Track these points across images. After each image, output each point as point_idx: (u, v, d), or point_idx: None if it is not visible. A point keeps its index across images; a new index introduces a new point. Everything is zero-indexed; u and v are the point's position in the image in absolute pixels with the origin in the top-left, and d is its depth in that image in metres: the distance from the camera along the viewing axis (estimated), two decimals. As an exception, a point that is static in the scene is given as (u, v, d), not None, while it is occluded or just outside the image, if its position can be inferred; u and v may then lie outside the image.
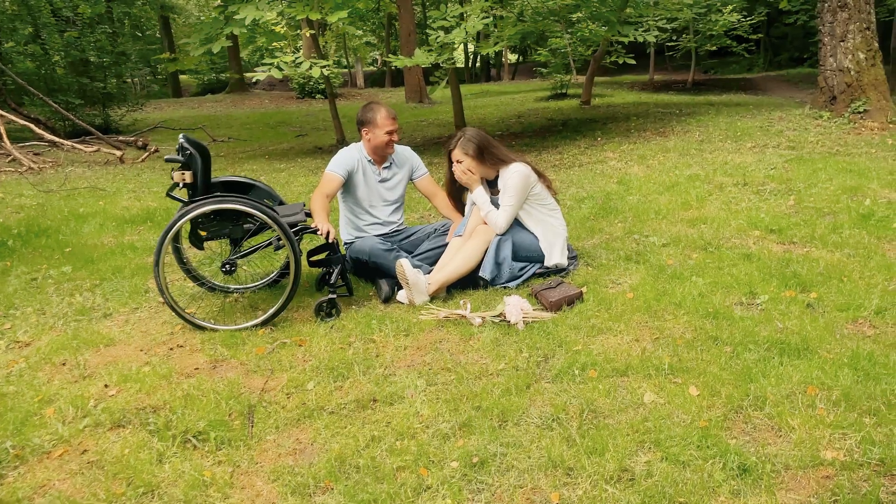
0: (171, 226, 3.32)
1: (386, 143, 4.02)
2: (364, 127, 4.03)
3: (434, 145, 10.79)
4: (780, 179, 6.11)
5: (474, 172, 4.01)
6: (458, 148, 3.99)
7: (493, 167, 4.02)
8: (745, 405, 2.70)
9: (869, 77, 8.78)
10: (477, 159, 3.96)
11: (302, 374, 3.12)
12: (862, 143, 7.70)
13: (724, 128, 9.07)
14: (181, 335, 3.54)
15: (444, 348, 3.34)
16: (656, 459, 2.43)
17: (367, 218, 4.20)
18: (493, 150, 4.00)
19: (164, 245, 3.32)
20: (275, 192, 3.92)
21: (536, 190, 4.02)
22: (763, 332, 3.28)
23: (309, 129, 15.17)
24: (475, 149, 3.95)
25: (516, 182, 3.91)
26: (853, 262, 4.13)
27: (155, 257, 3.33)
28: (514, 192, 3.92)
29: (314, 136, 13.65)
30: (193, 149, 3.45)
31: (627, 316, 3.54)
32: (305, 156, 10.42)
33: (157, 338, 3.53)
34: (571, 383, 2.95)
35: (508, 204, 3.94)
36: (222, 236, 3.50)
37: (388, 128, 3.99)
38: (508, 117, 13.66)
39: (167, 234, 3.31)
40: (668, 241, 4.67)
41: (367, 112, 4.03)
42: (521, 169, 3.94)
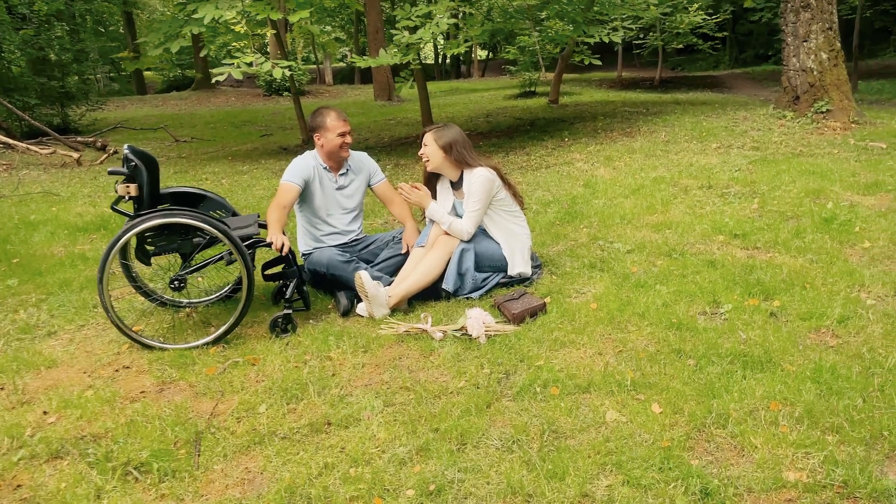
0: (115, 241, 3.17)
1: (340, 145, 3.90)
2: (315, 132, 3.91)
3: (402, 145, 10.67)
4: (745, 182, 6.11)
5: (431, 161, 3.93)
6: (431, 132, 3.96)
7: (457, 167, 3.95)
8: (708, 423, 2.64)
9: (831, 77, 8.85)
10: (444, 151, 3.90)
11: (254, 396, 2.99)
12: (825, 143, 7.75)
13: (689, 128, 9.08)
14: (128, 355, 3.39)
15: (403, 365, 3.24)
16: (618, 483, 2.36)
17: (325, 227, 4.07)
18: (463, 150, 3.93)
19: (107, 261, 3.17)
20: (227, 203, 3.78)
21: (501, 196, 3.94)
22: (726, 344, 3.23)
23: (275, 128, 14.94)
24: (446, 142, 3.90)
25: (480, 186, 3.84)
26: (816, 269, 4.11)
27: (98, 274, 3.18)
28: (478, 197, 3.85)
29: (280, 135, 13.43)
30: (139, 160, 3.30)
31: (591, 328, 3.47)
32: (270, 157, 10.23)
33: (102, 358, 3.37)
34: (533, 401, 2.87)
35: (473, 209, 3.86)
36: (171, 251, 3.36)
37: (340, 129, 3.88)
38: (477, 116, 13.58)
39: (111, 250, 3.16)
40: (633, 247, 4.62)
41: (316, 117, 3.92)
42: (485, 174, 3.87)
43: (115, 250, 3.17)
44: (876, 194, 5.51)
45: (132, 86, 28.96)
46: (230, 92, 25.64)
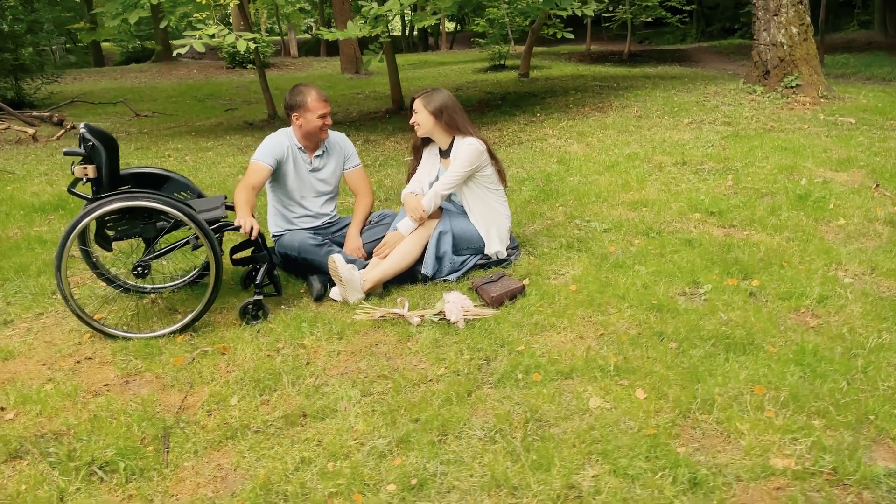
0: (72, 226, 3.00)
1: (319, 127, 3.75)
2: (294, 111, 3.74)
3: (371, 120, 10.46)
4: (718, 158, 6.08)
5: (421, 126, 3.81)
6: (420, 98, 3.81)
7: (448, 133, 3.83)
8: (693, 409, 2.59)
9: (801, 51, 8.85)
10: (434, 117, 3.77)
11: (225, 388, 2.87)
12: (795, 118, 7.76)
13: (661, 103, 9.04)
14: (90, 345, 3.23)
15: (380, 352, 3.14)
16: (604, 473, 2.30)
17: (298, 210, 3.92)
18: (455, 115, 3.80)
19: (65, 247, 3.00)
20: (192, 184, 3.61)
21: (487, 171, 3.84)
22: (708, 326, 3.20)
23: (239, 102, 14.56)
24: (436, 107, 3.76)
25: (469, 153, 3.73)
26: (792, 247, 4.09)
27: (56, 261, 3.01)
28: (461, 164, 3.74)
29: (244, 109, 13.09)
30: (96, 139, 3.12)
31: (571, 311, 3.41)
32: (235, 132, 9.95)
33: (62, 349, 3.21)
34: (515, 388, 2.80)
35: (453, 173, 3.75)
36: (133, 236, 3.19)
37: (321, 111, 3.72)
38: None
39: (69, 236, 2.99)
40: (610, 226, 4.56)
41: (296, 95, 3.73)
42: (475, 143, 3.76)
43: (73, 236, 3.00)
44: (848, 170, 5.52)
45: (89, 58, 28.02)
46: (192, 64, 24.95)
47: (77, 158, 3.09)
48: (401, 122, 9.81)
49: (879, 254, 3.92)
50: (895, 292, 3.48)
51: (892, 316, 3.22)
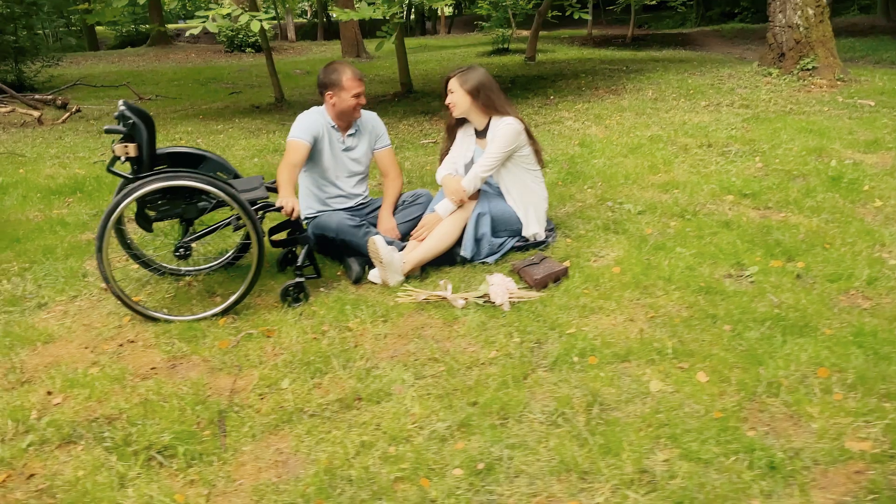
0: (113, 207, 2.92)
1: (353, 107, 3.66)
2: (328, 90, 3.65)
3: (381, 103, 10.34)
4: (743, 140, 6.01)
5: (457, 107, 3.72)
6: (456, 77, 3.70)
7: (486, 113, 3.74)
8: (759, 392, 2.55)
9: (817, 33, 8.77)
10: (471, 96, 3.67)
11: (274, 371, 2.81)
12: (813, 101, 7.69)
13: (675, 86, 8.95)
14: (131, 328, 3.16)
15: (427, 335, 3.08)
16: (675, 457, 2.26)
17: (332, 190, 3.85)
18: (492, 95, 3.71)
19: (107, 228, 2.92)
20: (229, 165, 3.53)
21: (525, 152, 3.76)
22: (760, 308, 3.14)
23: (242, 85, 14.40)
24: (472, 85, 3.66)
25: (508, 133, 3.64)
26: (832, 228, 4.04)
27: (97, 242, 2.93)
28: (501, 144, 3.65)
29: (249, 93, 12.94)
30: (136, 117, 3.03)
31: (617, 293, 3.35)
32: (243, 115, 9.83)
33: (102, 332, 3.14)
34: (571, 372, 2.74)
35: (493, 154, 3.66)
36: (174, 216, 3.12)
37: (356, 90, 3.63)
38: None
39: (110, 216, 2.91)
40: (644, 208, 4.49)
41: (330, 73, 3.64)
42: (514, 123, 3.68)
43: (115, 216, 2.93)
44: (877, 152, 5.46)
45: (84, 41, 27.68)
46: (189, 48, 24.71)
47: (117, 137, 3.00)
48: (411, 105, 9.70)
49: (923, 235, 3.87)
50: (944, 274, 3.43)
51: (948, 299, 3.17)
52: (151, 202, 3.02)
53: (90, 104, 11.52)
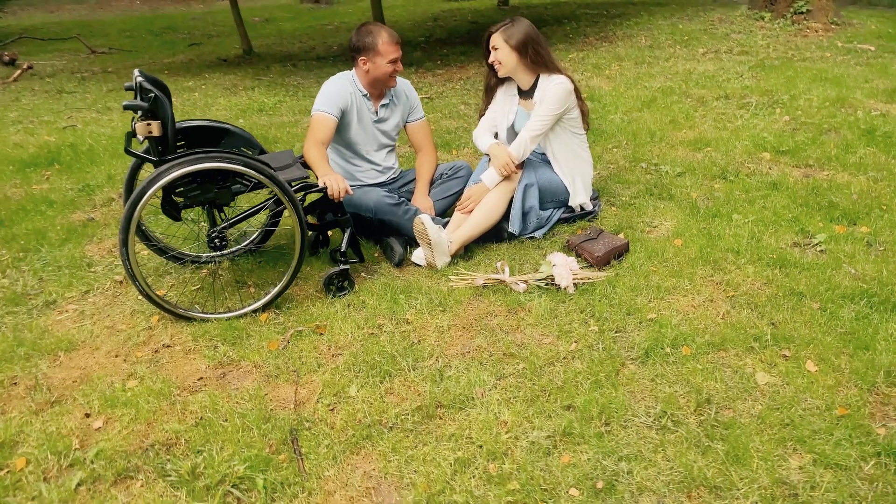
0: (140, 194, 2.53)
1: (389, 73, 3.28)
2: (361, 54, 3.26)
3: (356, 55, 9.80)
4: (759, 91, 5.78)
5: (504, 65, 3.37)
6: (500, 32, 3.33)
7: (534, 70, 3.40)
8: (878, 382, 2.35)
9: (811, -25, 8.52)
10: (518, 52, 3.31)
11: (337, 376, 2.52)
12: (813, 46, 7.50)
13: (668, 31, 8.65)
14: (163, 330, 2.81)
15: (494, 326, 2.80)
16: (809, 464, 2.06)
17: (362, 164, 3.49)
18: (541, 50, 3.34)
19: (132, 219, 2.54)
20: (254, 139, 3.14)
21: (574, 114, 3.45)
22: (843, 282, 2.95)
23: (200, 35, 13.61)
24: (519, 40, 3.29)
25: (559, 93, 3.32)
26: (883, 188, 3.86)
27: (121, 234, 2.55)
28: (551, 105, 3.33)
29: (211, 45, 12.22)
30: (156, 89, 2.63)
31: (687, 269, 3.12)
32: (212, 70, 9.22)
33: (131, 336, 2.78)
34: (665, 364, 2.51)
35: (542, 117, 3.33)
36: (205, 202, 2.74)
37: (393, 55, 3.25)
38: (423, 20, 12.71)
39: (136, 206, 2.53)
40: (683, 169, 4.25)
41: (364, 36, 3.24)
42: (566, 82, 3.34)
43: (141, 205, 2.54)
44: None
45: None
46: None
47: (136, 113, 2.59)
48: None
49: (980, 194, 3.72)
50: None
51: None
52: (180, 187, 2.63)
53: (40, 59, 10.71)
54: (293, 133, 5.66)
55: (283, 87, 7.67)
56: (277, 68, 8.99)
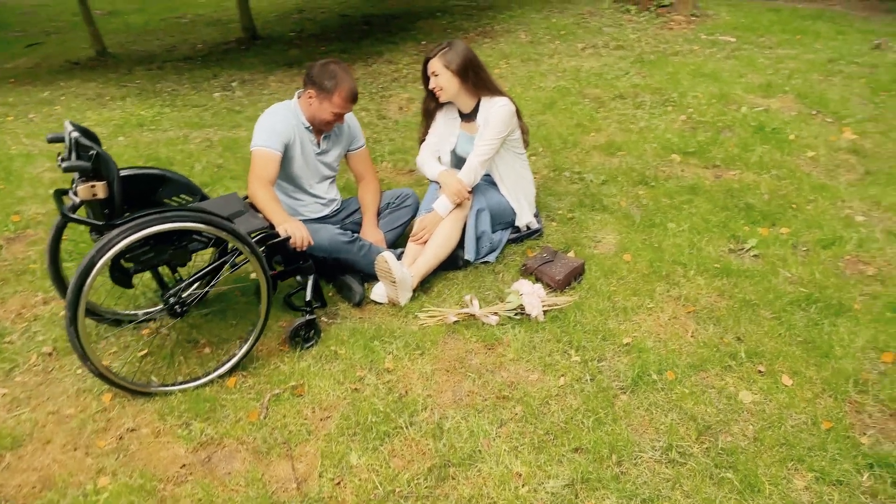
0: (88, 266, 2.23)
1: (328, 122, 3.10)
2: (314, 88, 3.03)
3: (226, 54, 9.23)
4: (650, 89, 6.03)
5: (445, 91, 3.29)
6: (438, 57, 3.24)
7: (475, 94, 3.34)
8: (849, 390, 2.53)
9: (670, -31, 8.99)
10: (459, 76, 3.24)
11: (332, 443, 2.37)
12: (681, 39, 7.91)
13: (544, 26, 8.83)
14: (120, 410, 2.50)
15: (477, 365, 2.75)
16: (813, 482, 2.19)
17: (305, 198, 3.29)
18: (481, 73, 3.30)
19: (82, 296, 2.24)
20: (193, 184, 2.85)
21: (515, 135, 3.43)
22: (786, 288, 3.16)
23: (37, 33, 12.30)
24: (459, 64, 3.22)
25: (504, 115, 3.27)
26: (788, 187, 4.16)
27: (69, 312, 2.24)
28: (498, 129, 3.28)
29: (53, 44, 11.07)
30: (95, 143, 2.32)
31: (644, 286, 3.21)
32: (65, 76, 8.37)
33: (84, 421, 2.45)
34: (655, 392, 2.58)
35: (491, 139, 3.28)
36: (159, 265, 2.46)
37: (341, 110, 3.06)
38: (289, 12, 12.20)
39: (85, 280, 2.23)
40: (606, 177, 4.36)
41: (325, 77, 3.00)
42: (509, 103, 3.31)
43: (91, 280, 2.25)
44: (776, 96, 5.71)
45: None
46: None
47: (75, 174, 2.27)
48: (266, 54, 8.77)
49: (871, 187, 4.09)
50: (912, 229, 3.64)
51: (935, 256, 3.37)
52: (131, 251, 2.35)
53: None
54: (187, 151, 5.26)
55: (156, 95, 7.10)
56: (141, 72, 8.31)
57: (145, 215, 2.32)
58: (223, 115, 6.28)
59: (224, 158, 5.10)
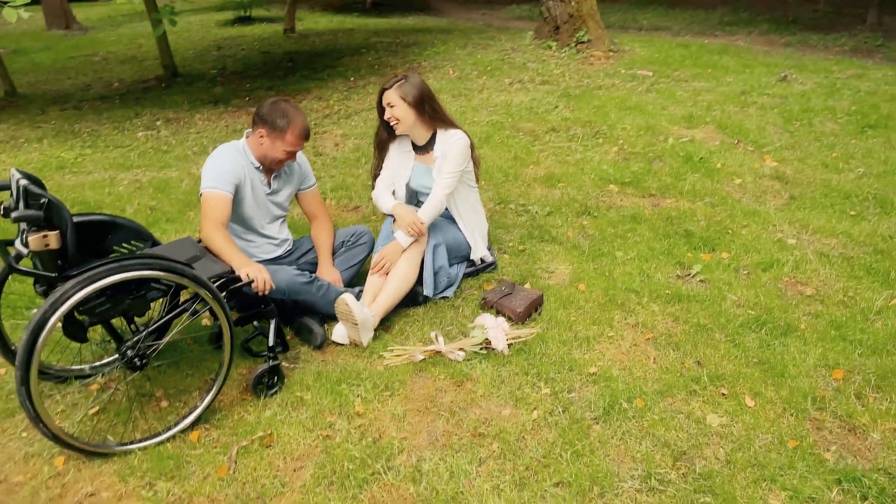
0: (41, 322, 2.08)
1: (280, 161, 3.04)
2: (265, 128, 2.96)
3: (146, 92, 8.96)
4: (580, 122, 6.21)
5: (402, 123, 3.31)
6: (394, 89, 3.27)
7: (430, 125, 3.38)
8: (807, 408, 2.63)
9: (587, 7, 9.35)
10: (415, 108, 3.28)
11: (310, 495, 2.27)
12: (602, 74, 8.21)
13: (470, 62, 8.99)
14: (76, 473, 2.32)
15: (448, 403, 2.71)
16: (787, 501, 2.25)
17: (257, 239, 3.20)
18: (436, 105, 3.37)
19: (35, 353, 2.08)
20: (143, 229, 2.72)
21: (469, 167, 3.47)
22: (734, 311, 3.28)
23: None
24: (416, 97, 3.26)
25: (462, 148, 3.33)
26: (721, 213, 4.34)
27: (20, 372, 2.08)
28: (458, 160, 3.33)
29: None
30: (42, 190, 2.19)
31: (601, 315, 3.26)
32: (-30, 117, 7.93)
33: (37, 489, 2.26)
34: (626, 420, 2.60)
35: (451, 172, 3.33)
36: (115, 316, 2.33)
37: (293, 148, 3.01)
38: (207, 50, 12.00)
39: (39, 337, 2.08)
40: (550, 208, 4.44)
41: (276, 116, 2.93)
42: (465, 136, 3.38)
43: (44, 336, 2.10)
44: (698, 127, 5.99)
45: None
46: None
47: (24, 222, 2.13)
48: (187, 91, 8.57)
49: (797, 211, 4.33)
50: (840, 248, 3.85)
51: (865, 274, 3.57)
52: (85, 303, 2.21)
53: None
54: (115, 194, 5.05)
55: (75, 136, 6.81)
56: (56, 112, 7.96)
57: (101, 265, 2.19)
58: (150, 156, 6.07)
59: (157, 200, 4.92)
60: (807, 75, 7.69)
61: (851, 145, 5.44)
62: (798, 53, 9.97)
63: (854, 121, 5.95)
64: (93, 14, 19.59)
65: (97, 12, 20.11)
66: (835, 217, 4.22)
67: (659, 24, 13.49)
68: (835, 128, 5.85)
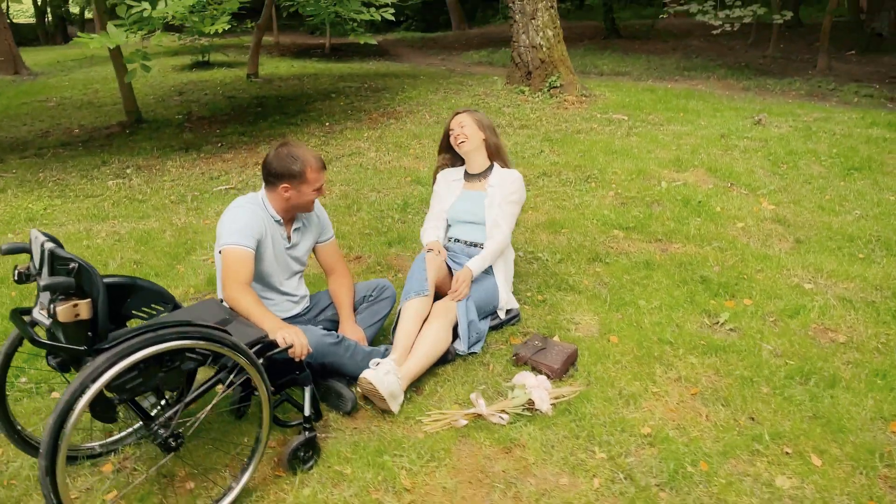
0: (68, 404, 1.82)
1: (311, 201, 2.86)
2: (284, 181, 2.77)
3: (111, 138, 8.62)
4: (569, 167, 6.17)
5: (469, 141, 3.46)
6: (468, 113, 3.53)
7: (490, 157, 3.57)
8: (877, 465, 2.52)
9: (557, 52, 9.46)
10: (484, 133, 3.50)
11: (371, 587, 2.04)
12: (579, 118, 8.24)
13: (445, 107, 8.96)
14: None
15: (500, 474, 2.51)
16: (881, 570, 2.11)
17: (276, 297, 2.97)
18: (500, 142, 3.61)
19: (62, 440, 1.82)
20: (165, 291, 2.48)
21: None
22: (774, 361, 3.18)
23: None
24: (486, 123, 3.54)
25: (521, 188, 3.51)
26: (731, 257, 4.29)
27: (46, 462, 1.81)
28: (519, 199, 3.51)
29: None
30: (73, 256, 1.95)
31: (640, 369, 3.12)
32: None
33: None
34: (692, 485, 2.45)
35: (512, 212, 3.48)
36: (148, 391, 2.07)
37: (318, 183, 2.83)
38: (169, 95, 11.72)
39: (67, 421, 1.82)
40: (561, 256, 4.32)
41: (289, 163, 2.74)
42: (520, 176, 3.54)
43: (75, 417, 1.84)
44: (689, 170, 5.99)
45: None
46: None
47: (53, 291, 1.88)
48: (155, 137, 8.28)
49: (807, 255, 4.30)
50: (860, 293, 3.81)
51: (892, 319, 3.53)
52: (117, 379, 1.96)
53: None
54: (94, 247, 4.74)
55: (40, 185, 6.45)
56: (16, 161, 7.58)
57: (134, 335, 1.96)
58: (125, 205, 5.77)
59: (140, 253, 4.63)
60: (778, 119, 7.85)
61: (841, 187, 5.51)
62: (759, 97, 10.22)
63: (838, 163, 6.05)
64: (41, 59, 19.07)
65: (45, 57, 19.62)
66: (845, 261, 4.20)
67: (618, 69, 13.74)
68: (821, 170, 5.93)
